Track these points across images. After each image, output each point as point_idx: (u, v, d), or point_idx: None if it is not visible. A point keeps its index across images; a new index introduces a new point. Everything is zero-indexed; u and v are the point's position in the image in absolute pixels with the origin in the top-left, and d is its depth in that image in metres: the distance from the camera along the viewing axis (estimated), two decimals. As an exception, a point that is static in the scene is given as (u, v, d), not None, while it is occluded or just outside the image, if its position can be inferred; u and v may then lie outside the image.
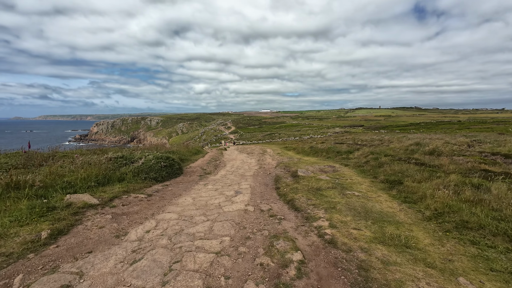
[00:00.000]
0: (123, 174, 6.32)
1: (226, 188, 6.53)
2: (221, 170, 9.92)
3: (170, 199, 5.43)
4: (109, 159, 7.48)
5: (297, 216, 4.18)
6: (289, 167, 9.67)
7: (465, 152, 10.03)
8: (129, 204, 4.82)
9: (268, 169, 9.84)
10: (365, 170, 8.06)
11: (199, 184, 7.05)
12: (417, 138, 20.00)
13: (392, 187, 5.64)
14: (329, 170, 8.52)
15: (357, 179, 6.78)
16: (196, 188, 6.53)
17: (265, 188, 6.47)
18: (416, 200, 4.55)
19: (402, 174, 6.49)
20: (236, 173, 9.07)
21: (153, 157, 7.44)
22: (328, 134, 45.84)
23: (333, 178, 6.86)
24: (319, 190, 5.50)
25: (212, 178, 7.98)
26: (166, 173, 7.27)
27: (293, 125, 77.83)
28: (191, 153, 14.64)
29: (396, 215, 3.96)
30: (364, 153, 12.74)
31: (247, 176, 8.29)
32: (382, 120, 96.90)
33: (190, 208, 4.83)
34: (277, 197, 5.47)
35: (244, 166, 10.84)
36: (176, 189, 6.31)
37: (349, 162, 10.77)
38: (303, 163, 10.89)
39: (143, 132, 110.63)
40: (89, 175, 5.55)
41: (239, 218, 4.19)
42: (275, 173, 8.63)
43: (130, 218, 4.22)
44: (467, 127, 47.07)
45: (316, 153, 14.74)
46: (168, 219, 4.23)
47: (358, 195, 4.96)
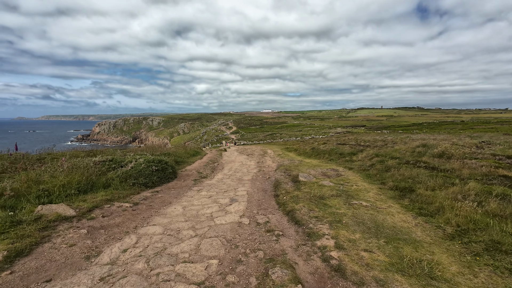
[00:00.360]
0: (109, 180, 5.84)
1: (221, 195, 6.02)
2: (218, 173, 9.43)
3: (158, 209, 4.93)
4: (97, 163, 7.01)
5: (297, 231, 3.66)
6: (289, 170, 9.15)
7: (477, 155, 9.45)
8: (110, 215, 4.33)
9: (267, 173, 9.32)
10: (371, 175, 7.52)
11: (193, 190, 6.55)
12: (422, 139, 19.40)
13: (403, 195, 5.09)
14: (332, 175, 7.99)
15: (363, 185, 6.25)
16: (188, 194, 6.03)
17: (263, 195, 5.95)
18: (433, 213, 4.01)
19: (413, 180, 5.95)
20: (234, 177, 8.56)
21: (143, 161, 6.95)
22: (330, 134, 45.25)
23: (337, 184, 6.33)
24: (322, 198, 4.97)
25: (208, 183, 7.48)
26: (158, 178, 6.78)
27: (294, 125, 77.26)
28: (189, 155, 14.17)
29: (412, 232, 3.43)
30: (368, 155, 12.19)
31: (245, 181, 7.78)
32: (384, 120, 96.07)
33: (178, 220, 4.32)
34: (276, 207, 4.95)
35: (242, 169, 10.34)
36: (166, 196, 5.81)
37: (353, 165, 10.22)
38: (304, 165, 10.36)
39: (144, 132, 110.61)
40: (70, 181, 5.06)
41: (231, 233, 3.68)
42: (275, 177, 8.11)
43: (108, 232, 3.73)
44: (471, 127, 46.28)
45: (318, 155, 14.20)
46: (151, 234, 3.73)
47: (366, 206, 4.43)
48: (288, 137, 45.28)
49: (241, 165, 11.61)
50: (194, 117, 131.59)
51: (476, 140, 15.72)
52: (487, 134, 26.27)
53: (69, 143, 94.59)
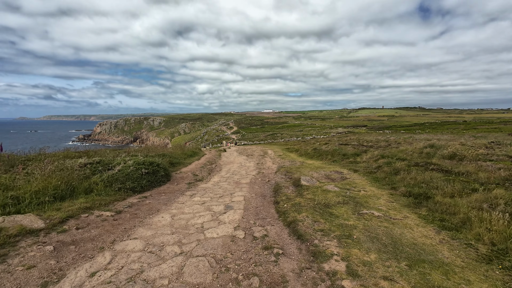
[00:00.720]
0: (92, 184, 5.30)
1: (216, 201, 5.48)
2: (215, 176, 8.88)
3: (143, 218, 4.39)
4: (82, 165, 6.49)
5: (300, 248, 3.11)
6: (290, 172, 8.59)
7: (490, 157, 8.86)
8: (86, 226, 3.79)
9: (267, 175, 8.77)
10: (378, 178, 6.95)
11: (185, 195, 6.01)
12: (426, 139, 18.80)
13: (419, 203, 4.53)
14: (337, 178, 7.43)
15: (371, 190, 5.68)
16: (180, 200, 5.49)
17: (262, 201, 5.40)
18: (457, 226, 3.45)
19: (427, 185, 5.38)
20: (231, 180, 8.01)
21: (133, 163, 6.42)
22: (331, 134, 44.66)
23: (343, 189, 5.77)
24: (328, 206, 4.42)
25: (203, 187, 6.94)
26: (148, 182, 6.24)
27: (295, 125, 76.67)
28: (186, 156, 13.64)
29: (437, 251, 2.87)
30: (373, 157, 11.62)
31: (243, 184, 7.24)
32: (386, 120, 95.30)
33: (164, 232, 3.78)
34: (276, 216, 4.40)
35: (241, 171, 9.79)
36: (155, 202, 5.27)
37: (357, 167, 9.65)
38: (306, 167, 9.81)
39: (145, 132, 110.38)
40: (46, 186, 4.54)
41: (223, 250, 3.14)
42: (275, 181, 7.56)
43: (79, 249, 3.19)
44: (474, 127, 45.53)
45: (320, 156, 13.63)
46: (129, 251, 3.19)
47: (379, 216, 3.87)
48: (289, 137, 44.71)
49: (240, 167, 11.07)
50: (195, 117, 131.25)
51: (484, 140, 15.11)
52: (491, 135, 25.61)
53: (70, 143, 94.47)
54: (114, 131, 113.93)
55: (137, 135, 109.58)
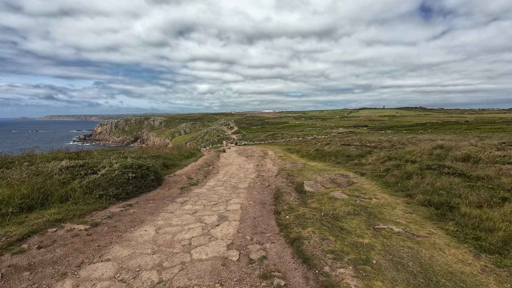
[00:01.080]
0: (69, 191, 4.71)
1: (209, 210, 4.87)
2: (211, 179, 8.28)
3: (123, 231, 3.79)
4: (64, 169, 5.90)
5: (307, 278, 2.50)
6: (292, 176, 7.98)
7: (508, 159, 8.22)
8: (52, 244, 3.20)
9: (267, 178, 8.16)
10: (389, 183, 6.33)
11: (176, 202, 5.40)
12: (430, 139, 18.15)
13: (442, 214, 3.91)
14: (343, 182, 6.81)
15: (383, 197, 5.07)
16: (168, 209, 4.88)
17: (261, 210, 4.79)
18: (499, 247, 2.83)
19: (448, 193, 4.76)
20: (228, 184, 7.41)
21: (119, 167, 5.82)
22: (332, 134, 44.01)
23: (351, 196, 5.15)
24: (337, 219, 3.81)
25: (196, 192, 6.34)
26: (135, 187, 5.64)
27: (296, 125, 76.06)
28: (183, 157, 13.05)
29: (482, 284, 2.25)
30: (379, 158, 11.00)
31: (240, 189, 6.63)
32: (387, 120, 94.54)
33: (144, 251, 3.18)
34: (276, 229, 3.79)
35: (239, 174, 9.18)
36: (140, 211, 4.67)
37: (364, 169, 9.03)
38: (309, 170, 9.19)
39: (146, 132, 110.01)
40: (11, 194, 3.94)
41: (210, 279, 2.53)
42: (276, 185, 6.95)
43: (35, 276, 2.59)
44: (476, 127, 44.81)
45: (323, 157, 13.01)
46: (96, 278, 2.59)
47: (399, 232, 3.26)
48: (289, 137, 44.09)
49: (238, 169, 10.46)
50: (196, 117, 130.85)
51: (494, 141, 14.45)
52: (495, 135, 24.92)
53: (71, 143, 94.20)
54: (114, 131, 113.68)
55: (138, 135, 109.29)
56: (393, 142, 17.74)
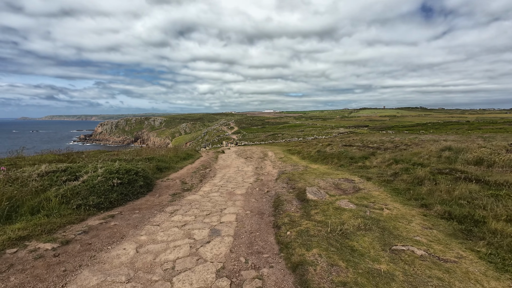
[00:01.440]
0: (43, 201, 4.19)
1: (200, 221, 4.34)
2: (207, 183, 7.75)
3: (98, 250, 3.27)
4: (45, 174, 5.39)
5: (314, 322, 1.97)
6: (293, 180, 7.46)
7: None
8: (7, 270, 2.67)
9: (266, 183, 7.64)
10: (399, 190, 5.80)
11: (165, 211, 4.88)
12: (433, 140, 17.61)
13: (468, 231, 3.38)
14: (349, 188, 6.28)
15: (396, 207, 4.53)
16: (155, 221, 4.36)
17: (259, 222, 4.26)
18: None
19: (469, 203, 4.22)
20: (224, 189, 6.88)
21: (103, 172, 5.29)
22: (333, 134, 43.45)
23: (359, 205, 4.62)
24: (346, 236, 3.28)
25: (189, 199, 5.81)
26: (120, 195, 5.11)
27: (296, 125, 75.54)
28: (179, 158, 12.53)
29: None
30: (385, 161, 10.47)
31: (237, 196, 6.10)
32: (387, 120, 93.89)
33: (117, 278, 2.66)
34: (276, 249, 3.26)
35: (237, 178, 8.65)
36: (123, 224, 4.15)
37: (369, 173, 8.50)
38: (311, 173, 8.67)
39: (146, 132, 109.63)
40: (-29, 208, 3.43)
41: (192, 323, 2.01)
42: (275, 191, 6.42)
43: (-27, 317, 2.08)
44: (478, 127, 44.22)
45: (325, 159, 12.46)
46: (50, 320, 2.07)
47: (422, 256, 2.73)
48: (290, 137, 43.56)
49: (237, 172, 9.93)
50: (196, 117, 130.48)
51: (503, 142, 13.90)
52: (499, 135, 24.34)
53: (71, 143, 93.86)
54: (115, 131, 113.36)
55: (138, 135, 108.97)
56: (395, 143, 17.21)
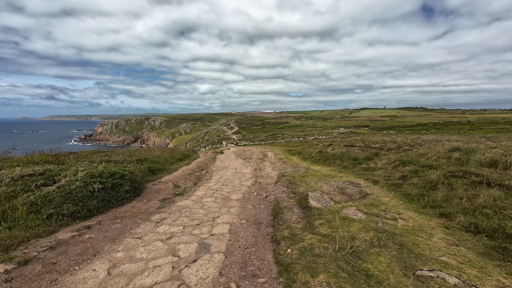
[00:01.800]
0: (8, 210, 3.66)
1: (189, 233, 3.81)
2: (201, 187, 7.22)
3: (62, 272, 2.74)
4: (19, 177, 4.87)
5: None
6: (294, 184, 6.92)
7: (544, 164, 7.12)
8: None
9: (265, 187, 7.10)
10: (411, 196, 5.26)
11: (151, 220, 4.34)
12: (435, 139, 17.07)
13: (503, 249, 2.83)
14: (355, 193, 5.74)
15: (411, 217, 4.00)
16: (138, 232, 3.83)
17: (255, 235, 3.73)
18: None
19: (497, 213, 3.68)
20: (219, 193, 6.35)
21: (84, 175, 4.76)
22: (333, 135, 42.89)
23: (369, 214, 4.08)
24: (358, 255, 2.74)
25: (180, 206, 5.27)
26: (101, 202, 4.58)
27: (296, 125, 75.01)
28: (175, 159, 12.00)
29: None
30: (390, 162, 9.93)
31: (233, 202, 5.57)
32: (388, 120, 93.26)
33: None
34: (274, 270, 2.73)
35: (234, 180, 8.12)
36: (99, 236, 3.61)
37: (375, 175, 7.97)
38: (312, 176, 8.14)
39: (146, 132, 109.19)
40: None
41: None
42: (275, 196, 5.88)
43: None
44: (480, 127, 43.65)
45: (327, 160, 11.92)
46: None
47: (457, 287, 2.19)
48: (290, 137, 43.01)
49: (234, 174, 9.40)
50: (196, 117, 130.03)
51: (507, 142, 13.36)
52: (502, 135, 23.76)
53: (71, 143, 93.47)
54: (115, 131, 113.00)
55: (138, 135, 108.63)
56: (398, 143, 16.66)
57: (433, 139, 18.66)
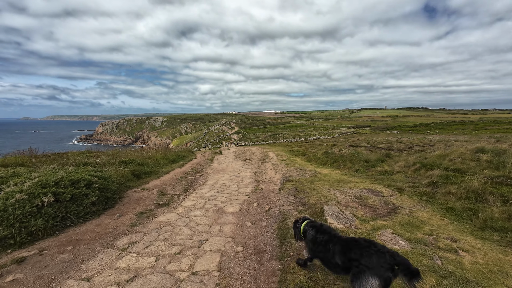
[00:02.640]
0: None
1: (161, 271, 2.68)
2: (192, 194, 6.09)
3: None
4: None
5: None
6: (302, 191, 5.78)
7: None
8: None
9: (267, 195, 5.95)
10: (455, 210, 4.10)
11: (115, 246, 3.21)
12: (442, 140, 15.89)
13: None
14: (380, 205, 4.59)
15: (472, 245, 2.85)
16: (89, 268, 2.69)
17: (255, 274, 2.59)
18: None
19: None
20: (213, 204, 5.21)
21: (31, 185, 3.64)
22: (336, 135, 41.71)
23: (413, 241, 2.94)
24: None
25: (159, 222, 4.14)
26: (51, 220, 3.43)
27: (297, 125, 73.84)
28: (168, 161, 10.88)
29: None
30: (409, 164, 8.78)
31: (228, 216, 4.42)
32: (389, 120, 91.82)
33: None
34: None
35: (231, 186, 6.98)
36: (29, 279, 2.48)
37: (395, 181, 6.83)
38: (322, 181, 6.99)
39: (147, 132, 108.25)
40: None
41: None
42: (280, 209, 4.74)
43: None
44: (484, 127, 42.40)
45: (336, 162, 10.75)
46: None
47: None
48: (291, 137, 41.86)
49: (232, 178, 8.26)
50: (197, 118, 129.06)
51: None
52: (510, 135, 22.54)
53: (72, 143, 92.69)
54: (116, 131, 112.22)
55: (139, 135, 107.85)
56: (405, 143, 15.47)
57: (440, 139, 17.47)
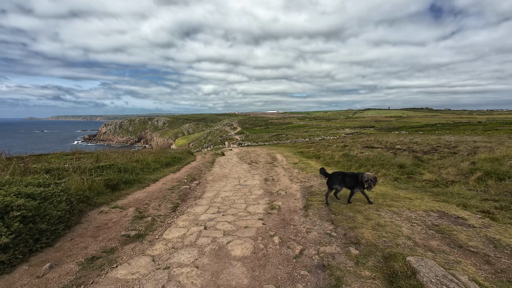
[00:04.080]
0: None
1: None
2: (183, 215, 4.28)
3: None
4: None
5: None
6: (341, 214, 3.95)
7: None
8: None
9: (289, 219, 4.11)
10: None
11: None
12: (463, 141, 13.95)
13: None
14: (487, 249, 2.74)
15: None
16: None
17: None
18: None
19: None
20: (212, 235, 3.38)
21: None
22: (341, 135, 39.68)
23: None
24: None
25: (115, 280, 2.35)
26: None
27: (300, 125, 71.89)
28: (160, 164, 9.09)
29: None
30: (463, 172, 6.99)
31: (234, 267, 2.60)
32: (394, 121, 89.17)
33: None
34: None
35: (237, 202, 5.16)
36: None
37: (461, 195, 4.98)
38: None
39: (150, 132, 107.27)
40: None
41: None
42: (319, 254, 2.90)
43: None
44: (494, 128, 40.12)
45: (363, 167, 8.85)
46: None
47: None
48: (295, 138, 39.95)
49: (237, 189, 6.43)
50: (199, 118, 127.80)
51: None
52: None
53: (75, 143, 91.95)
54: (119, 131, 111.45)
55: (141, 136, 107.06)
56: (423, 144, 13.56)
57: (458, 140, 15.51)
